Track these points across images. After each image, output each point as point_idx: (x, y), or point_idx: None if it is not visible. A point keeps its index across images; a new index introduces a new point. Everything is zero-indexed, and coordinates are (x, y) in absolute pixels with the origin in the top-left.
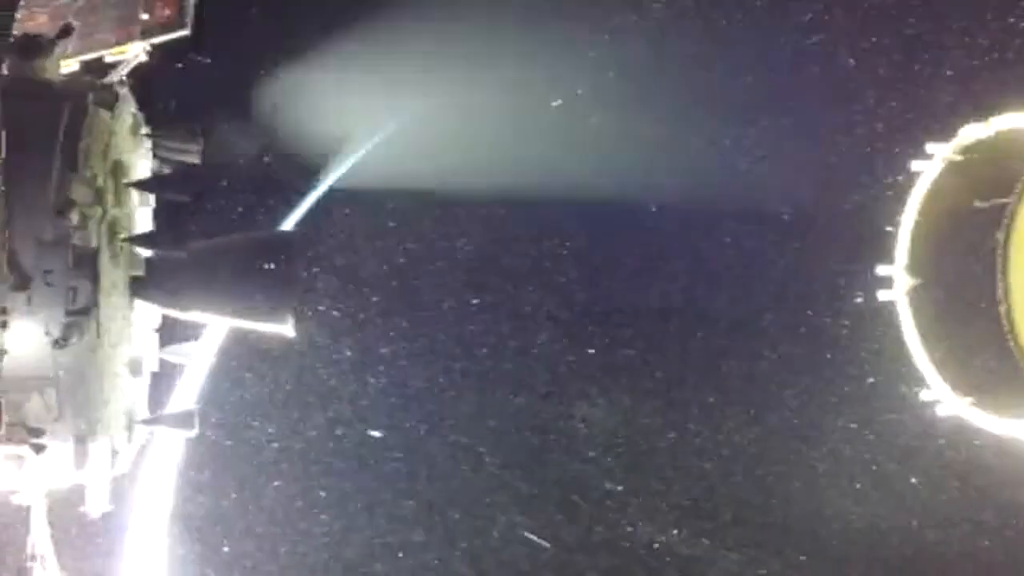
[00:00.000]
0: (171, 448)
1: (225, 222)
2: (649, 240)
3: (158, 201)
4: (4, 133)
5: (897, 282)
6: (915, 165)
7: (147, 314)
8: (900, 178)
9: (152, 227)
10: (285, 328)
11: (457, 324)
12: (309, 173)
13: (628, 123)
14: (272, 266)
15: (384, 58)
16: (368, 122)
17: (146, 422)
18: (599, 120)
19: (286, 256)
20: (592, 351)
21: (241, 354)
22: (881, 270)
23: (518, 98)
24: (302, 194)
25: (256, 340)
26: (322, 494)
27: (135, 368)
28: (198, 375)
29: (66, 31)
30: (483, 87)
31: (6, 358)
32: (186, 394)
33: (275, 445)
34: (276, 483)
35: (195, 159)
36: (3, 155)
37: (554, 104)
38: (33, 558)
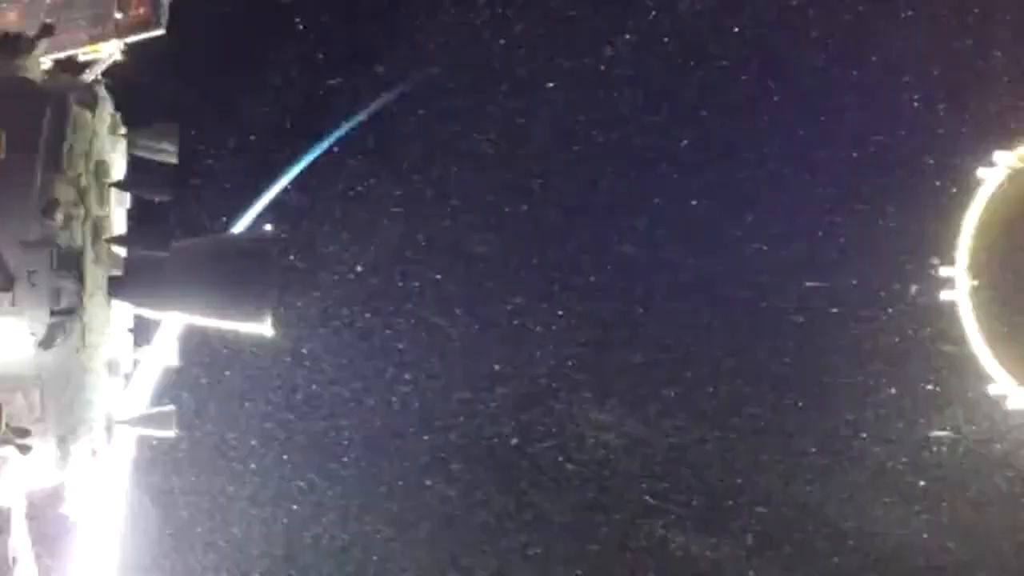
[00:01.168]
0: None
1: (201, 221)
2: (685, 238)
3: (134, 201)
4: (4, 133)
5: (959, 283)
6: (980, 172)
7: (122, 314)
8: (965, 183)
9: (127, 227)
10: (264, 327)
11: (461, 327)
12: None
13: (671, 115)
14: (250, 266)
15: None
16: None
17: (125, 422)
18: (638, 110)
19: (264, 256)
20: (623, 354)
21: (215, 352)
22: (944, 271)
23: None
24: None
25: (230, 339)
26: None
27: (113, 368)
28: (167, 374)
29: (47, 30)
30: (486, 81)
31: None
32: (154, 393)
33: (259, 443)
34: (253, 481)
35: (172, 159)
36: (3, 155)
37: None
38: (15, 561)
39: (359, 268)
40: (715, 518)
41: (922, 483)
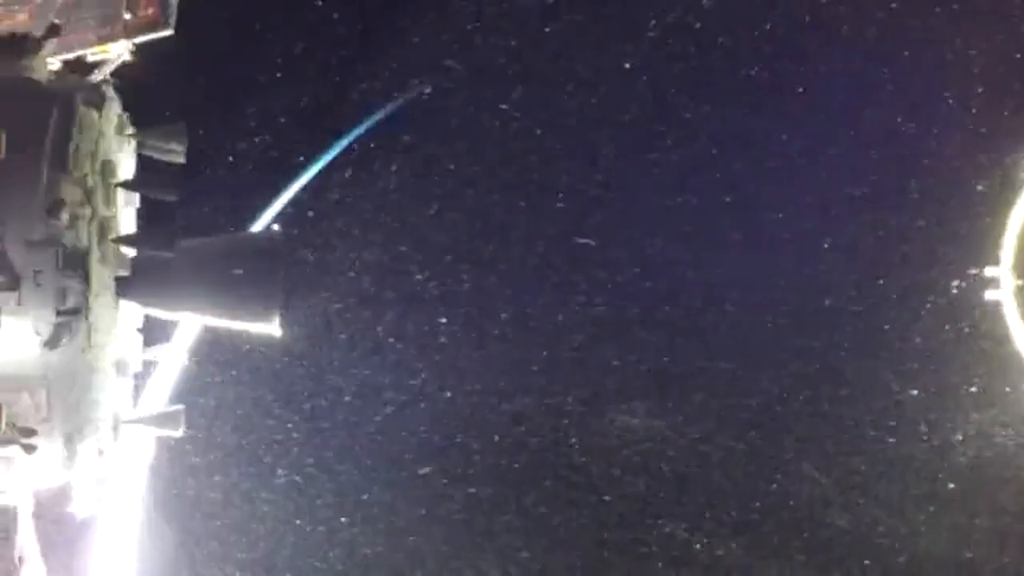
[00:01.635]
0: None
1: (210, 221)
2: (720, 237)
3: (142, 201)
4: (4, 133)
5: (1004, 282)
6: None
7: (131, 314)
8: (1010, 181)
9: (136, 227)
10: (272, 327)
11: (490, 328)
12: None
13: (711, 113)
14: (258, 265)
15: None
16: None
17: (132, 422)
18: (678, 108)
19: (272, 255)
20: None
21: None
22: (988, 270)
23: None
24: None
25: (238, 339)
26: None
27: (121, 368)
28: (175, 374)
29: (54, 30)
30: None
31: None
32: (163, 393)
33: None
34: (264, 483)
35: (180, 159)
36: (2, 155)
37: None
38: (22, 560)
39: (383, 266)
40: (740, 521)
41: (960, 486)
